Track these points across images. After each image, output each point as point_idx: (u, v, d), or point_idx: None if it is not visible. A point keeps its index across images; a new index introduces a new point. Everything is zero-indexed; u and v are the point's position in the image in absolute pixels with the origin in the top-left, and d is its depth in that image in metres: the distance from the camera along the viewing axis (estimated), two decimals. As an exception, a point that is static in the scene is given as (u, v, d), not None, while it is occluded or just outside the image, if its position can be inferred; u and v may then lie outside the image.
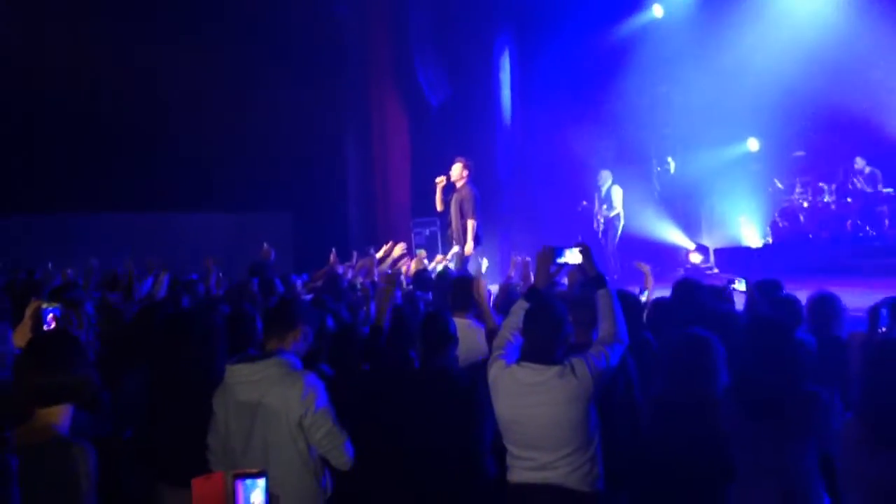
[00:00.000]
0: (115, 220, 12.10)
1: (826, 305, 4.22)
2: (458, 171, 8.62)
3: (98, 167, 11.32)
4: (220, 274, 5.84)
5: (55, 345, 2.44)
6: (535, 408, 3.14)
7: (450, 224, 8.84)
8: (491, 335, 3.79)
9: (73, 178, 11.21)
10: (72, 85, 11.18)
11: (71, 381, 2.36)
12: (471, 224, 8.49)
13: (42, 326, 2.91)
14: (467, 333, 4.10)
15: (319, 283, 6.20)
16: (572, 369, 3.14)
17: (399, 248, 7.85)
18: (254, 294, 5.31)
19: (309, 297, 5.33)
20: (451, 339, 3.61)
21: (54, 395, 2.34)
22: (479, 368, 3.61)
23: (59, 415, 2.35)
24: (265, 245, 6.52)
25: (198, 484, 1.79)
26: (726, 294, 4.67)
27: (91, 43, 11.10)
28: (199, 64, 11.42)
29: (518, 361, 3.25)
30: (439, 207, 8.89)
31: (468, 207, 8.53)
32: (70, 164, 11.27)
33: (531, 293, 3.53)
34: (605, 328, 3.35)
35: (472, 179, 8.75)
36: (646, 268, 5.40)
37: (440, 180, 8.73)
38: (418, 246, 12.77)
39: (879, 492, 2.57)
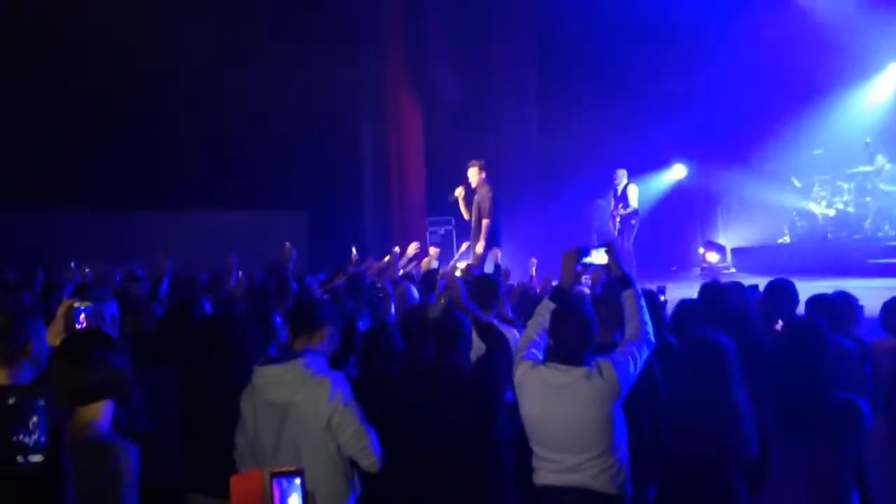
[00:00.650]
0: (132, 218, 12.17)
1: (842, 305, 4.17)
2: (474, 174, 8.80)
3: (114, 165, 11.37)
4: (241, 273, 5.84)
5: (92, 342, 2.45)
6: (561, 409, 3.12)
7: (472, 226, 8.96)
8: (480, 333, 3.79)
9: (89, 177, 11.27)
10: (87, 82, 11.24)
11: (110, 377, 2.38)
12: (484, 223, 8.60)
13: (74, 326, 2.92)
14: None
15: (337, 283, 6.19)
16: (599, 371, 3.12)
17: (412, 248, 7.89)
18: (271, 293, 5.31)
19: (325, 297, 5.32)
20: (462, 337, 3.60)
21: (94, 392, 2.35)
22: (488, 363, 3.61)
23: (100, 411, 2.36)
24: (287, 245, 6.52)
25: (236, 481, 1.79)
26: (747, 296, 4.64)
27: (108, 41, 11.14)
28: (216, 63, 11.45)
29: (545, 362, 3.24)
30: (466, 216, 9.06)
31: (485, 207, 8.68)
32: (86, 162, 11.34)
33: (557, 293, 3.52)
34: (631, 329, 3.34)
35: (489, 178, 8.85)
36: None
37: (460, 193, 8.80)
38: (433, 244, 12.78)
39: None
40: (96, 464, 2.21)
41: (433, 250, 8.45)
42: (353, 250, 7.02)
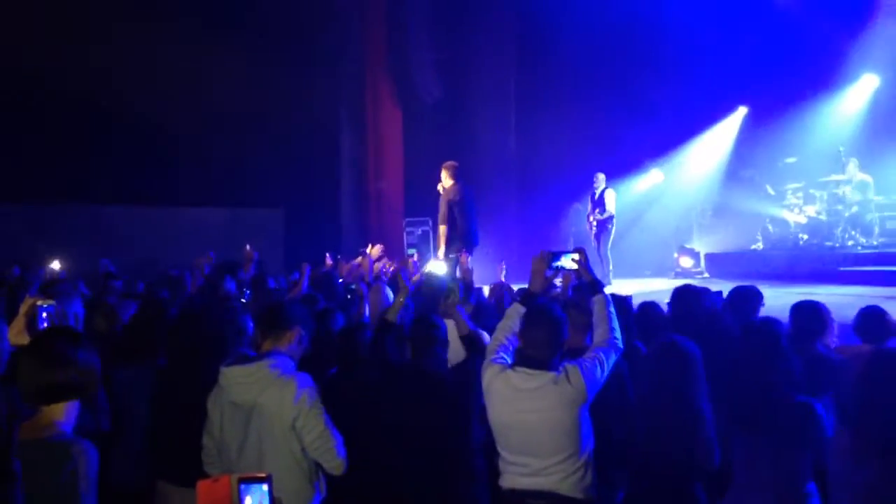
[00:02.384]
0: (108, 212, 12.07)
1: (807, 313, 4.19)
2: (444, 178, 8.69)
3: (92, 160, 11.28)
4: (197, 271, 5.79)
5: (63, 341, 2.41)
6: (529, 413, 3.13)
7: None
8: (465, 341, 3.74)
9: (65, 170, 11.16)
10: (65, 77, 11.12)
11: (78, 378, 2.35)
12: (441, 230, 8.61)
13: (37, 324, 2.89)
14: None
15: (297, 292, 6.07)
16: (567, 375, 3.13)
17: (376, 250, 7.83)
18: (226, 293, 5.27)
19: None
20: (438, 340, 3.58)
21: (62, 391, 2.33)
22: (468, 370, 3.60)
23: (65, 411, 2.34)
24: (248, 247, 6.51)
25: (203, 487, 1.78)
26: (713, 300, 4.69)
27: (86, 37, 11.02)
28: (194, 58, 11.37)
29: (513, 366, 3.25)
30: None
31: (441, 212, 8.63)
32: (63, 156, 11.23)
33: (526, 297, 3.53)
34: (599, 334, 3.35)
35: (462, 180, 8.73)
36: None
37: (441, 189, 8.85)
38: (410, 245, 12.79)
39: (867, 499, 2.60)
40: (56, 463, 2.20)
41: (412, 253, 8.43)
42: (328, 256, 7.00)
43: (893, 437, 2.56)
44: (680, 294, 4.52)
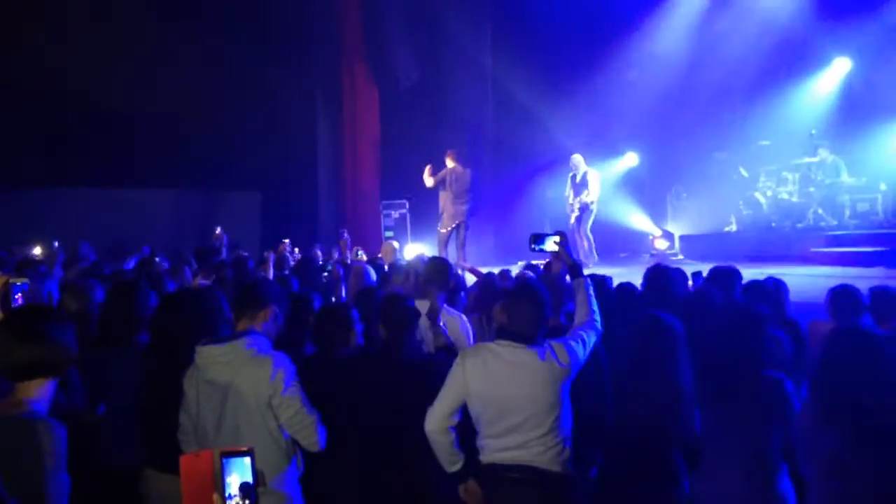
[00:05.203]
0: (85, 196, 11.95)
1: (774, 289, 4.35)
2: (447, 162, 10.19)
3: (68, 144, 11.17)
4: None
5: (33, 318, 2.38)
6: (512, 388, 3.15)
7: None
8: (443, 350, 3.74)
9: (42, 154, 11.05)
10: (41, 62, 10.95)
11: (48, 355, 2.32)
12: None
13: (10, 302, 2.86)
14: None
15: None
16: (553, 352, 3.17)
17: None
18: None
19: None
20: (410, 321, 3.59)
21: (32, 368, 2.30)
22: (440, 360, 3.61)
23: (37, 389, 2.31)
24: (217, 230, 6.51)
25: (186, 461, 1.79)
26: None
27: (61, 21, 10.86)
28: (170, 42, 11.25)
29: (496, 341, 3.27)
30: None
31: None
32: (40, 140, 11.11)
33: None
34: (581, 315, 3.43)
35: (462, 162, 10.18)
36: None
37: None
38: (387, 228, 12.78)
39: (831, 465, 2.68)
40: (18, 441, 2.17)
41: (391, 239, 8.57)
42: (286, 242, 7.03)
43: (854, 405, 2.65)
44: (653, 273, 4.57)
